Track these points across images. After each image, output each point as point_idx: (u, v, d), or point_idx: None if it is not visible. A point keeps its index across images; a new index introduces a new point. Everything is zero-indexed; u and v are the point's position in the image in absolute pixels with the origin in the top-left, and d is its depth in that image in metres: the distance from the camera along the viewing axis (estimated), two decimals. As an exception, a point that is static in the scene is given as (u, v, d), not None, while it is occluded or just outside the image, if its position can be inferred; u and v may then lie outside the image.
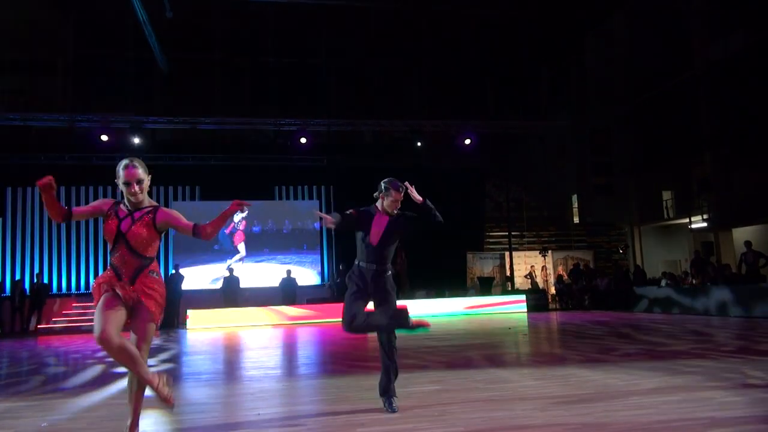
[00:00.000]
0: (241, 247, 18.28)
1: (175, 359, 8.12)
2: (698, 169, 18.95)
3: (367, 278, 4.02)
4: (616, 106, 21.09)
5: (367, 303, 4.09)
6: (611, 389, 4.53)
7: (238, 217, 18.23)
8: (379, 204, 4.13)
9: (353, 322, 3.96)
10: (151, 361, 7.79)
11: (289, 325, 14.04)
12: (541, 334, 10.01)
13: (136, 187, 3.24)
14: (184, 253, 17.77)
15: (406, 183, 4.11)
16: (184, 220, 3.34)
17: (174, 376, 6.51)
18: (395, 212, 4.10)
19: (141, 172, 3.26)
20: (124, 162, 3.26)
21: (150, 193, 3.36)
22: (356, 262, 4.10)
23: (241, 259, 18.23)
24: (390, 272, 4.13)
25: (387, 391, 4.04)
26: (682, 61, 18.37)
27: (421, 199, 4.08)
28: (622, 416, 3.65)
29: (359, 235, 4.09)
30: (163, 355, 8.56)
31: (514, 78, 22.56)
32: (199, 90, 19.90)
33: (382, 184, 4.10)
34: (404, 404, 4.16)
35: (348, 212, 4.04)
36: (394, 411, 3.94)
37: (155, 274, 3.38)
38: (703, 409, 3.78)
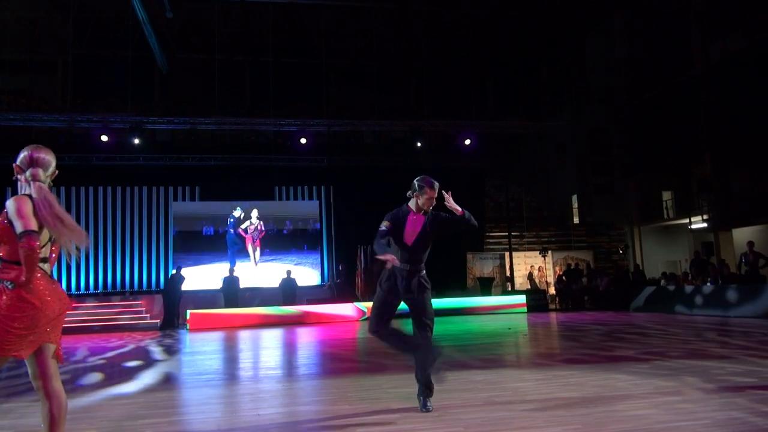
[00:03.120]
0: (251, 250, 18.24)
1: (176, 359, 8.11)
2: (698, 169, 18.96)
3: (401, 278, 3.95)
4: (616, 106, 21.10)
5: (397, 306, 4.02)
6: (611, 390, 4.53)
7: (250, 223, 18.22)
8: (412, 204, 4.04)
9: (379, 328, 3.94)
10: (153, 360, 7.79)
11: (289, 326, 14.04)
12: (540, 335, 10.01)
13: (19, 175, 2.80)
14: (184, 253, 17.76)
15: (446, 193, 4.06)
16: (20, 221, 2.59)
17: (175, 376, 6.51)
18: (430, 210, 4.03)
19: (22, 157, 2.91)
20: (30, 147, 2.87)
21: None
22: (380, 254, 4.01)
23: (254, 248, 18.21)
24: (424, 272, 4.05)
25: (425, 390, 4.00)
26: (682, 61, 18.38)
27: (460, 210, 4.02)
28: (623, 417, 3.65)
29: (395, 235, 4.00)
30: (164, 356, 8.56)
31: (514, 78, 22.58)
32: (199, 90, 19.90)
33: (416, 183, 4.01)
34: (404, 404, 4.17)
35: (384, 229, 3.94)
36: (427, 411, 3.91)
37: (10, 284, 2.57)
38: (703, 409, 3.78)
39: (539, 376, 5.31)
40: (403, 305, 4.05)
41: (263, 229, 18.37)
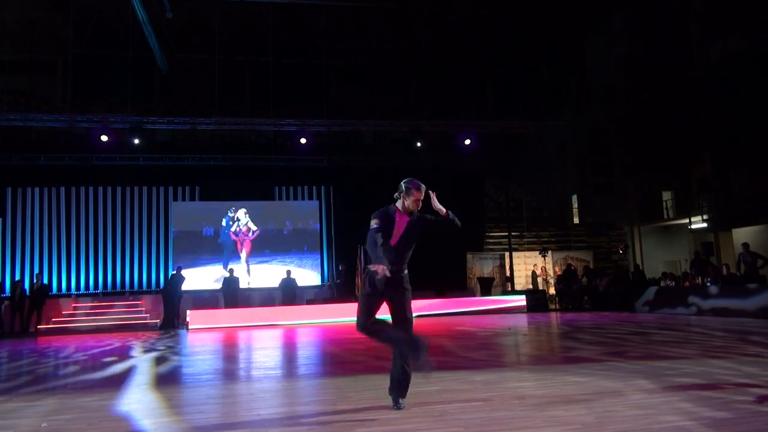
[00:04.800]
0: (243, 255, 18.19)
1: (175, 359, 8.11)
2: (698, 169, 18.96)
3: (387, 278, 3.94)
4: (616, 106, 21.10)
5: (381, 303, 4.04)
6: (611, 389, 4.53)
7: (238, 225, 18.16)
8: (399, 204, 4.05)
9: (366, 325, 3.93)
10: (152, 362, 7.80)
11: (289, 325, 14.04)
12: (540, 335, 10.01)
13: None
14: (184, 254, 17.76)
15: (431, 193, 4.06)
16: None
17: (174, 376, 6.51)
18: (416, 213, 4.04)
19: None
20: None
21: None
22: (373, 261, 4.03)
23: (247, 260, 18.14)
24: (406, 272, 4.06)
25: (398, 390, 4.03)
26: (682, 61, 18.38)
27: (444, 211, 4.03)
28: (622, 417, 3.65)
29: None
30: (163, 356, 8.56)
31: (514, 78, 22.58)
32: (199, 90, 19.91)
33: (403, 185, 4.03)
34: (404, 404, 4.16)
35: (376, 227, 3.95)
36: (399, 409, 3.97)
37: None
38: (704, 409, 3.78)
39: (539, 376, 5.31)
40: None
41: (252, 230, 18.25)
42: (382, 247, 3.96)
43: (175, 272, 15.99)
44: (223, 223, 18.20)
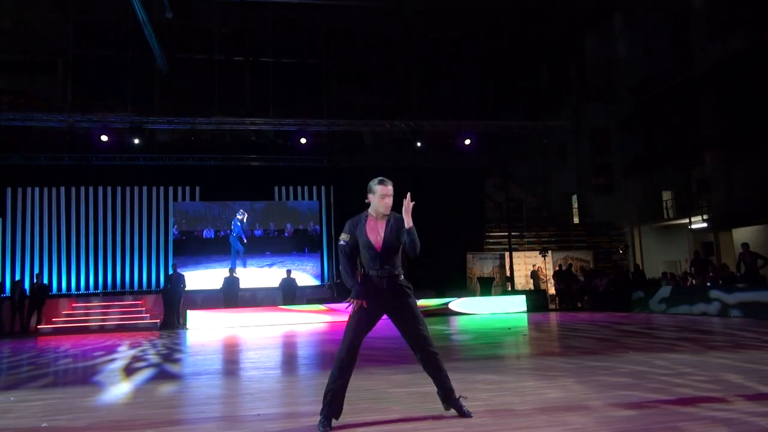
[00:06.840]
0: None
1: (176, 359, 8.11)
2: (698, 169, 18.95)
3: (381, 287, 3.71)
4: (616, 106, 21.10)
5: (372, 325, 3.78)
6: (612, 389, 4.53)
7: None
8: (371, 209, 3.83)
9: (351, 349, 3.69)
10: (150, 362, 7.79)
11: (289, 326, 14.04)
12: (541, 335, 10.01)
13: None
14: (184, 256, 17.74)
15: (407, 196, 3.71)
16: None
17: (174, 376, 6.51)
18: (392, 213, 3.79)
19: None
20: None
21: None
22: (363, 272, 3.78)
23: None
24: (402, 276, 3.78)
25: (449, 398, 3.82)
26: (682, 61, 18.37)
27: (410, 224, 3.67)
28: (623, 416, 3.65)
29: (360, 243, 3.80)
30: (163, 356, 8.56)
31: (514, 78, 22.57)
32: (199, 90, 19.89)
33: (369, 186, 3.82)
34: (405, 404, 4.17)
35: (342, 243, 3.77)
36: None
37: None
38: (705, 409, 3.78)
39: (539, 376, 5.31)
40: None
41: None
42: (365, 255, 3.73)
43: (173, 272, 15.99)
44: (232, 226, 18.25)
